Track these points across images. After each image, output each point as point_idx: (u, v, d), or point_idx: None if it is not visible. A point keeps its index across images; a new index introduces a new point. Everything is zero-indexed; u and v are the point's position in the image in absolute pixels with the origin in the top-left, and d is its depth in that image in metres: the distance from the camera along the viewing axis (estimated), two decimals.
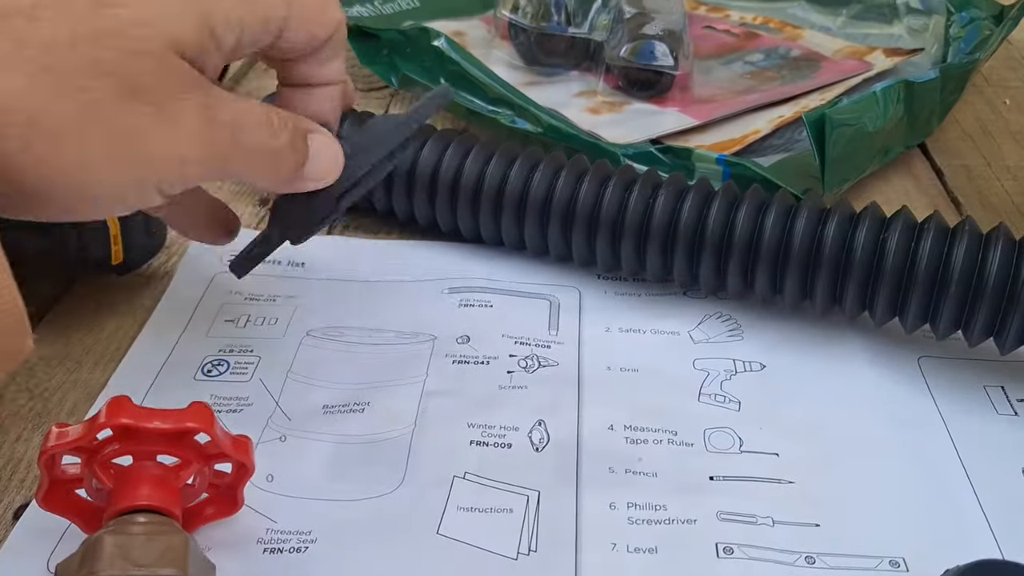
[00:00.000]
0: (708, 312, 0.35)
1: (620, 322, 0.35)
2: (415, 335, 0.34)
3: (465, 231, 0.38)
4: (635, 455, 0.29)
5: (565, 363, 0.33)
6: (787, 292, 0.33)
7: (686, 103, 0.47)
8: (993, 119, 0.49)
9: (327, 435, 0.29)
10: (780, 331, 0.34)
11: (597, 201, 0.35)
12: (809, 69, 0.51)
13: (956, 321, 0.31)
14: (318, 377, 0.32)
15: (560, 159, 0.36)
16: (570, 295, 0.37)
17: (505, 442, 0.29)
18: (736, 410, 0.31)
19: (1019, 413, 0.31)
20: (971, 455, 0.29)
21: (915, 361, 0.33)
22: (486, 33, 0.55)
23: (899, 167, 0.44)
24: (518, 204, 0.36)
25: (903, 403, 0.31)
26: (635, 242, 0.34)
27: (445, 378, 0.32)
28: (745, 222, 0.33)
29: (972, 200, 0.42)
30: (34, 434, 0.30)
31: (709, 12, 0.60)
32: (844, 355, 0.33)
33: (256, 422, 0.30)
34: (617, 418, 0.30)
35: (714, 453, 0.29)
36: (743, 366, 0.33)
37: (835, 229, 0.32)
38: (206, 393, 0.31)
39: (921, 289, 0.31)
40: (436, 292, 0.36)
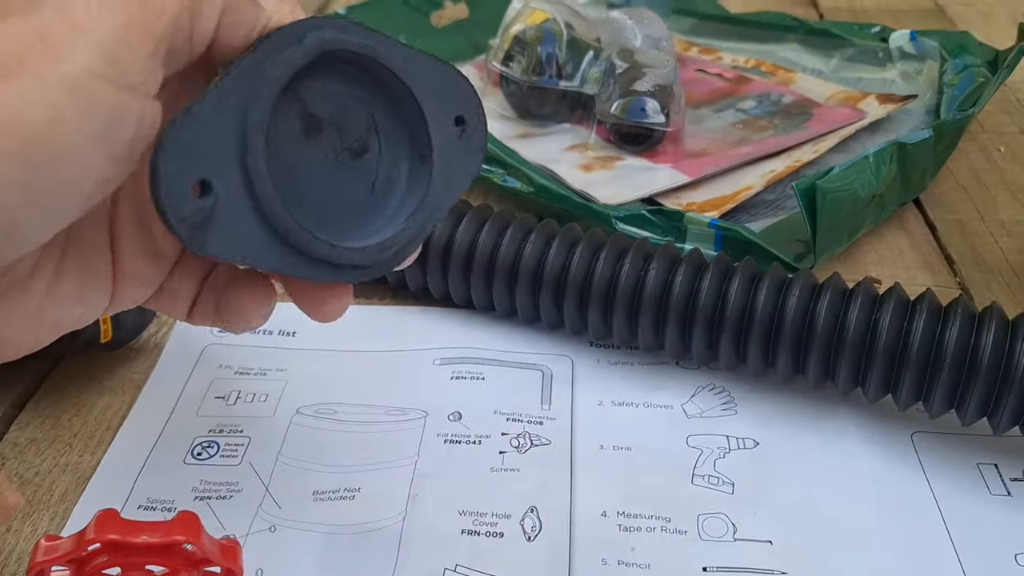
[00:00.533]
0: (701, 384, 0.35)
1: (613, 394, 0.35)
2: (406, 412, 0.34)
3: (457, 298, 0.38)
4: (628, 544, 0.29)
5: (557, 441, 0.33)
6: (779, 366, 0.33)
7: (678, 157, 0.47)
8: (988, 168, 0.49)
9: (318, 525, 0.29)
10: (773, 404, 0.34)
11: (589, 271, 0.35)
12: (801, 118, 0.51)
13: (949, 401, 0.31)
14: (308, 460, 0.32)
15: (552, 228, 0.36)
16: (563, 365, 0.36)
17: (497, 531, 0.29)
18: (730, 493, 0.31)
19: (1012, 494, 0.31)
20: (964, 541, 0.29)
21: (908, 437, 0.33)
22: (478, 81, 0.55)
23: (892, 222, 0.44)
24: (510, 272, 0.36)
25: (896, 483, 0.31)
26: (627, 313, 0.34)
27: (436, 459, 0.32)
28: (737, 296, 0.33)
29: (966, 258, 0.42)
30: (24, 524, 0.30)
31: (701, 54, 0.60)
32: (837, 431, 0.33)
33: (246, 510, 0.30)
34: (610, 503, 0.30)
35: (708, 541, 0.29)
36: (736, 443, 0.33)
37: (827, 307, 0.31)
38: (196, 478, 0.31)
39: (914, 369, 0.30)
40: (428, 363, 0.36)
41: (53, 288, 0.22)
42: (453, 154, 0.24)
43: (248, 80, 0.20)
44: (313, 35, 0.21)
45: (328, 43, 0.21)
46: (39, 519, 0.30)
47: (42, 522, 0.30)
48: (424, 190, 0.23)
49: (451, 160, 0.24)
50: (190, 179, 0.20)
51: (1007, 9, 0.69)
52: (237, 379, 0.35)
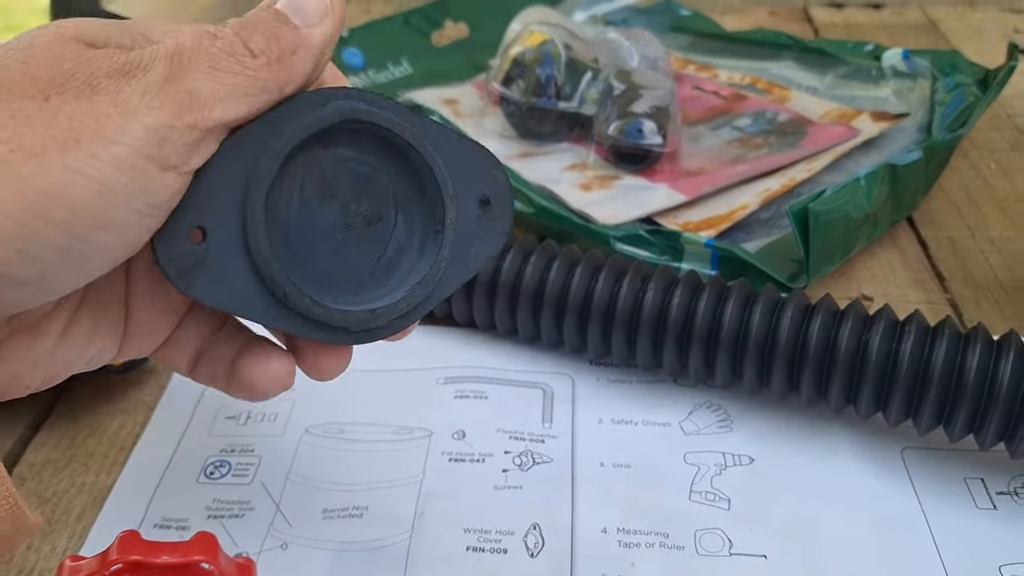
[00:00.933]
0: (698, 401, 0.36)
1: (612, 412, 0.36)
2: (411, 431, 0.35)
3: (459, 317, 0.39)
4: (628, 560, 0.30)
5: (559, 459, 0.34)
6: (774, 385, 0.34)
7: (675, 176, 0.48)
8: (979, 185, 0.50)
9: (327, 542, 0.30)
10: (769, 421, 0.35)
11: (588, 291, 0.36)
12: (796, 136, 0.52)
13: (937, 418, 0.32)
14: (318, 479, 0.33)
15: (552, 249, 0.37)
16: (563, 383, 0.37)
17: (501, 547, 0.30)
18: (726, 508, 0.32)
19: (998, 507, 0.32)
20: (951, 554, 0.30)
21: (899, 453, 0.34)
22: (478, 100, 0.56)
23: (885, 240, 0.45)
24: (511, 292, 0.37)
25: (887, 499, 0.32)
26: (625, 332, 0.35)
27: (441, 477, 0.33)
28: (732, 317, 0.34)
29: (956, 274, 0.43)
30: (43, 543, 0.31)
31: (698, 71, 0.61)
32: (830, 447, 0.34)
33: (258, 528, 0.31)
34: (610, 520, 0.31)
35: (704, 556, 0.30)
36: (733, 460, 0.34)
37: (819, 328, 0.32)
38: (209, 497, 0.32)
39: (903, 387, 0.31)
40: (432, 382, 0.37)
41: (66, 334, 0.23)
42: (472, 233, 0.24)
43: (262, 137, 0.21)
44: (336, 103, 0.22)
45: (349, 113, 0.22)
46: (58, 538, 0.31)
47: (61, 540, 0.31)
48: (430, 265, 0.24)
49: (468, 239, 0.24)
50: (188, 224, 0.21)
51: (998, 24, 0.70)
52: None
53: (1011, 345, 0.31)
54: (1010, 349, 0.31)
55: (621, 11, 0.66)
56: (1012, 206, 0.48)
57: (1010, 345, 0.31)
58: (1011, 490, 0.32)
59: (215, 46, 0.21)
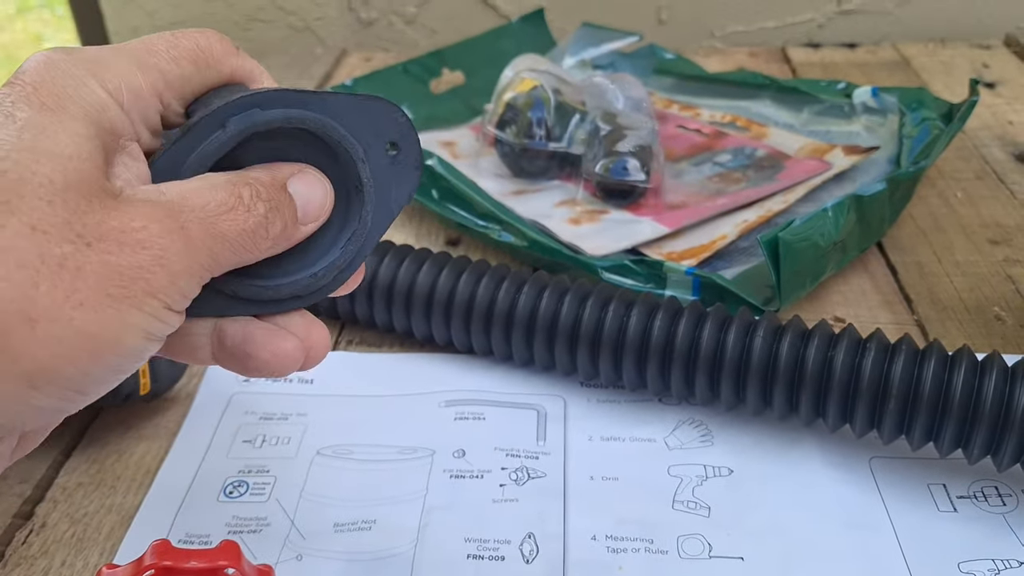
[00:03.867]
0: (682, 418, 0.39)
1: (602, 430, 0.39)
2: (415, 450, 0.38)
3: (458, 344, 0.42)
4: (616, 564, 0.32)
5: (552, 474, 0.36)
6: (748, 401, 0.37)
7: (659, 210, 0.51)
8: (945, 213, 0.53)
9: (339, 553, 0.33)
10: (747, 435, 0.38)
11: (577, 318, 0.39)
12: (773, 170, 0.55)
13: (898, 428, 0.34)
14: (329, 496, 0.35)
15: (544, 279, 0.40)
16: (556, 404, 0.40)
17: (499, 555, 0.33)
18: (706, 516, 0.34)
19: (958, 510, 0.34)
20: (913, 553, 0.32)
21: (867, 462, 0.36)
22: (475, 142, 0.59)
23: (857, 265, 0.48)
24: (506, 320, 0.40)
25: (855, 504, 0.34)
26: (612, 356, 0.38)
27: (443, 493, 0.35)
28: (709, 339, 0.37)
29: (923, 297, 0.46)
30: (77, 559, 0.33)
31: (681, 111, 0.65)
32: (803, 459, 0.37)
33: (275, 542, 0.33)
34: (599, 528, 0.34)
35: (686, 559, 0.32)
36: (713, 471, 0.36)
37: (788, 347, 0.35)
38: (229, 514, 0.35)
39: (865, 400, 0.34)
40: (433, 406, 0.40)
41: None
42: (389, 178, 0.26)
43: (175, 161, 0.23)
44: (234, 123, 0.23)
45: (248, 129, 0.24)
46: (89, 555, 0.34)
47: (92, 556, 0.34)
48: (356, 221, 0.26)
49: (387, 185, 0.26)
50: None
51: (967, 60, 0.74)
52: (262, 424, 0.39)
53: (963, 359, 0.34)
54: (962, 362, 0.34)
55: (607, 56, 0.69)
56: (977, 232, 0.51)
57: (962, 359, 0.34)
58: (971, 494, 0.35)
59: (247, 223, 0.23)
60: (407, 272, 0.42)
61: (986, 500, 0.35)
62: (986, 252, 0.49)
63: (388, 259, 0.42)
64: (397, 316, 0.42)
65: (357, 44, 0.89)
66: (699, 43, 0.85)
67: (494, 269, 0.41)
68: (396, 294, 0.42)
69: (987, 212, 0.53)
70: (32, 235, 0.20)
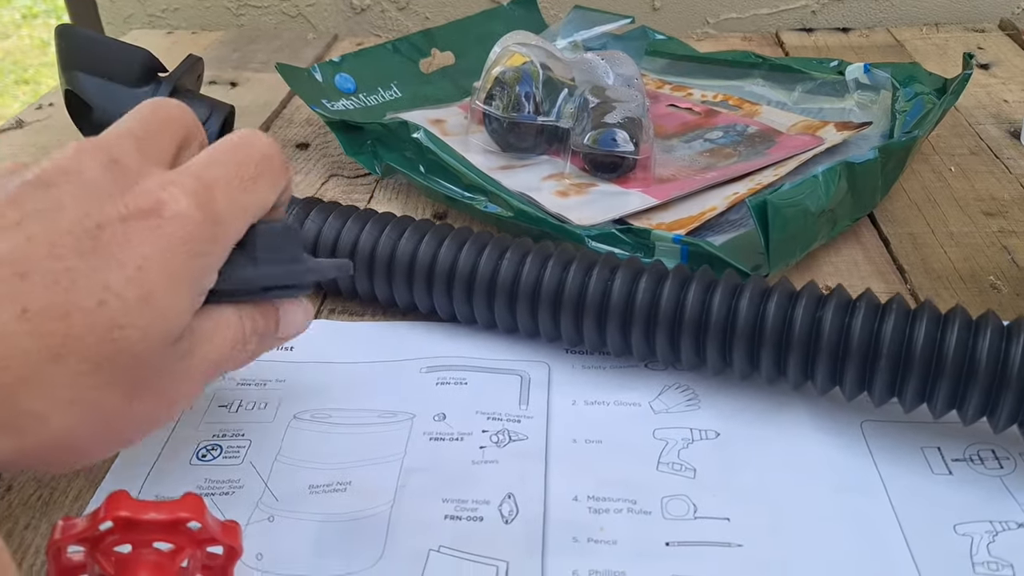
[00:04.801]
0: (667, 383, 0.38)
1: (586, 395, 0.38)
2: (394, 414, 0.37)
3: (441, 312, 0.41)
4: (597, 524, 0.31)
5: (534, 437, 0.35)
6: (735, 365, 0.36)
7: (648, 183, 0.50)
8: (939, 187, 0.53)
9: (312, 514, 0.32)
10: (734, 400, 0.37)
11: (560, 283, 0.38)
12: (764, 145, 0.54)
13: (890, 389, 0.33)
14: (304, 459, 0.34)
15: (527, 245, 0.40)
16: (540, 370, 0.39)
17: (477, 515, 0.32)
18: (692, 477, 0.33)
19: (953, 472, 0.33)
20: (907, 515, 0.31)
21: (858, 425, 0.35)
22: (463, 120, 0.58)
23: (848, 237, 0.47)
24: (488, 287, 0.39)
25: (846, 467, 0.33)
26: (596, 321, 0.37)
27: (422, 455, 0.34)
28: (694, 302, 0.36)
29: (916, 267, 0.45)
30: (42, 521, 0.32)
31: (673, 91, 0.64)
32: (792, 422, 0.36)
33: (247, 503, 0.32)
34: (581, 489, 0.33)
35: (670, 520, 0.31)
36: (699, 435, 0.35)
37: (775, 308, 0.34)
38: (201, 477, 0.34)
39: (855, 362, 0.33)
40: (415, 372, 0.39)
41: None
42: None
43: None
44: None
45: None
46: (55, 517, 0.33)
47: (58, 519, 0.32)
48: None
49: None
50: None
51: (961, 43, 0.74)
52: (239, 389, 0.38)
53: (957, 317, 0.33)
54: (956, 321, 0.33)
55: (599, 38, 0.69)
56: (971, 204, 0.50)
57: (956, 317, 0.33)
58: (966, 457, 0.34)
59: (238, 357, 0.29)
60: (388, 240, 0.41)
61: (982, 463, 0.34)
62: (981, 223, 0.48)
63: (369, 227, 0.41)
64: (378, 285, 0.41)
65: (349, 31, 0.88)
66: (692, 30, 0.85)
67: (476, 236, 0.40)
68: (377, 262, 0.41)
69: (982, 186, 0.52)
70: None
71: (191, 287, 0.26)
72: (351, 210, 0.42)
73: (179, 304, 0.25)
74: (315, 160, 0.58)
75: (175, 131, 0.28)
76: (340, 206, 0.43)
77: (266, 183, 0.28)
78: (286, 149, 0.59)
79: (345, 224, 0.41)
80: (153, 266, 0.24)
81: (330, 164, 0.57)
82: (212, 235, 0.26)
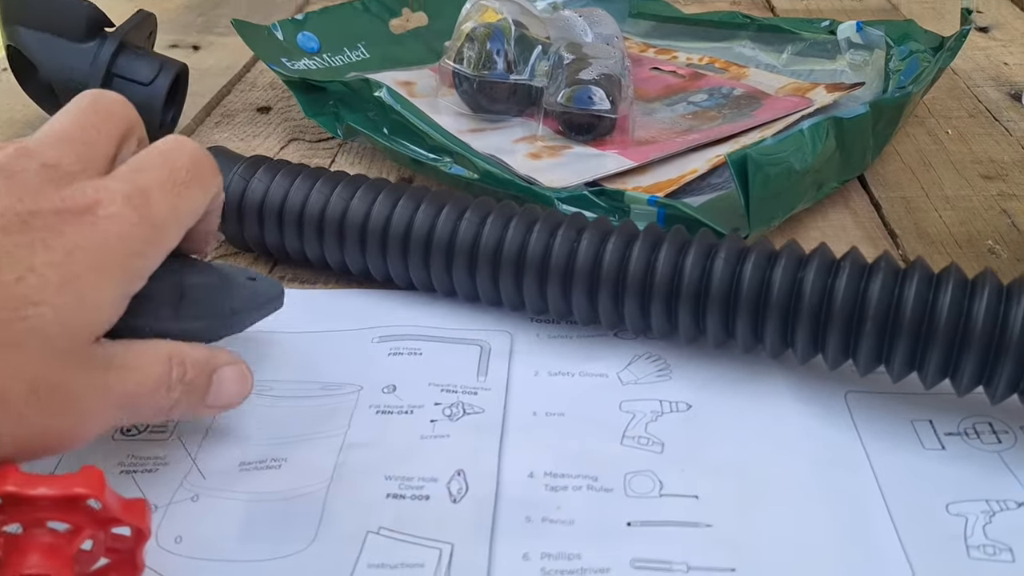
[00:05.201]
0: (638, 353, 0.35)
1: (550, 365, 0.35)
2: (340, 386, 0.34)
3: (397, 279, 0.38)
4: (554, 503, 0.28)
5: (491, 410, 0.32)
6: (709, 331, 0.33)
7: (625, 145, 0.47)
8: (935, 150, 0.50)
9: (241, 493, 0.29)
10: (708, 370, 0.34)
11: (522, 245, 0.35)
12: (750, 107, 0.51)
13: (877, 356, 0.31)
14: (238, 433, 0.32)
15: (488, 205, 0.37)
16: (502, 340, 0.36)
17: (423, 494, 0.29)
18: (659, 452, 0.30)
19: (946, 447, 0.30)
20: (895, 493, 0.29)
21: (842, 396, 0.33)
22: (434, 82, 0.55)
23: (836, 201, 0.44)
24: (446, 250, 0.36)
25: (827, 440, 0.31)
26: (560, 285, 0.34)
27: (367, 429, 0.32)
28: (665, 264, 0.33)
29: (909, 232, 0.42)
30: None
31: (657, 54, 0.61)
32: (770, 393, 0.33)
33: (171, 482, 0.30)
34: (538, 465, 0.30)
35: (633, 498, 0.29)
36: (670, 407, 0.32)
37: (752, 269, 0.31)
38: (124, 453, 0.31)
39: (838, 326, 0.30)
40: (366, 341, 0.36)
41: None
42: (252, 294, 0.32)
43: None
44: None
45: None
46: None
47: None
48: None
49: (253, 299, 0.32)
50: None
51: (959, 5, 0.70)
52: None
53: (951, 277, 0.30)
54: (949, 281, 0.30)
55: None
56: (968, 167, 0.47)
57: (949, 277, 0.30)
58: (961, 431, 0.31)
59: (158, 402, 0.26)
60: (338, 200, 0.38)
61: (978, 437, 0.31)
62: (978, 187, 0.45)
63: (319, 187, 0.38)
64: (329, 249, 0.38)
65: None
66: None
67: (433, 195, 0.37)
68: (327, 225, 0.38)
69: (980, 149, 0.49)
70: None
71: (118, 285, 0.25)
72: (300, 169, 0.39)
73: (103, 296, 0.24)
74: (275, 124, 0.55)
75: (113, 128, 0.27)
76: (289, 164, 0.40)
77: (198, 188, 0.27)
78: (247, 113, 0.56)
79: (293, 184, 0.38)
80: (83, 256, 0.24)
81: (291, 128, 0.54)
82: (147, 237, 0.25)
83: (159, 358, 0.26)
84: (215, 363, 0.28)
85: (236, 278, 0.31)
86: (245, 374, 0.29)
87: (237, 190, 0.39)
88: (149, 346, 0.26)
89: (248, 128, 0.54)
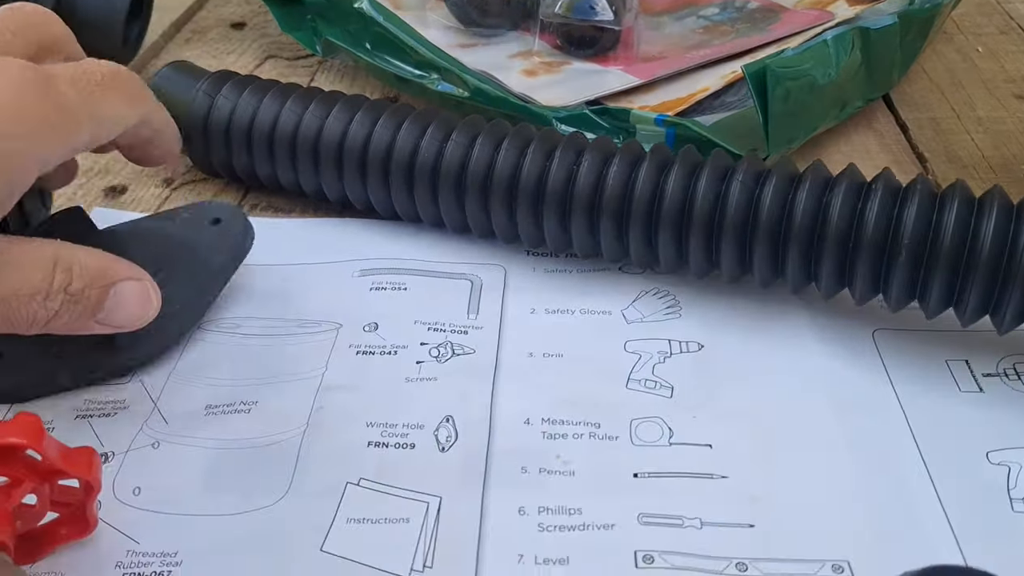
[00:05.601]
0: (644, 288, 0.32)
1: (547, 302, 0.32)
2: (317, 324, 0.31)
3: (379, 207, 0.35)
4: (552, 452, 0.26)
5: (482, 350, 0.30)
6: (724, 264, 0.30)
7: (630, 61, 0.43)
8: (964, 68, 0.46)
9: (206, 440, 0.26)
10: (722, 307, 0.31)
11: (516, 168, 0.31)
12: (766, 21, 0.47)
13: (910, 291, 0.28)
14: (204, 375, 0.29)
15: (478, 123, 0.33)
16: (494, 274, 0.33)
17: (408, 442, 0.26)
18: (668, 396, 0.28)
19: (985, 390, 0.28)
20: (929, 440, 0.26)
21: (870, 335, 0.30)
22: None
23: (860, 122, 0.41)
24: (431, 174, 0.32)
25: (854, 383, 0.28)
26: (558, 214, 0.31)
27: (346, 371, 0.29)
28: (675, 187, 0.29)
29: (938, 155, 0.39)
30: None
31: None
32: (791, 331, 0.30)
33: (129, 427, 0.27)
34: (535, 411, 0.27)
35: (640, 447, 0.26)
36: (679, 347, 0.30)
37: (772, 192, 0.28)
38: (80, 398, 0.28)
39: (869, 255, 0.27)
40: (346, 275, 0.33)
41: None
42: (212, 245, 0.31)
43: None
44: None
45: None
46: None
47: None
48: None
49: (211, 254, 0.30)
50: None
51: None
52: None
53: (994, 201, 0.27)
54: (992, 205, 0.27)
55: None
56: (1000, 87, 0.44)
57: (993, 200, 0.27)
58: (1000, 371, 0.28)
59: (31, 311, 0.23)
60: (312, 118, 0.34)
61: (1020, 378, 0.28)
62: (1012, 108, 0.42)
63: (291, 103, 0.34)
64: (303, 173, 0.35)
65: None
66: None
67: (418, 113, 0.34)
68: (300, 145, 0.34)
69: (1012, 67, 0.45)
70: None
71: (11, 144, 0.22)
72: (270, 85, 0.36)
73: None
74: (251, 40, 0.51)
75: (32, 34, 0.26)
76: (258, 80, 0.36)
77: (118, 97, 0.25)
78: (220, 29, 0.52)
79: (262, 101, 0.35)
80: None
81: (267, 45, 0.50)
82: (47, 116, 0.23)
83: (42, 261, 0.23)
84: (113, 276, 0.25)
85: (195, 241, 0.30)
86: (148, 293, 0.26)
87: (202, 108, 0.35)
88: (35, 245, 0.24)
89: (221, 45, 0.50)
